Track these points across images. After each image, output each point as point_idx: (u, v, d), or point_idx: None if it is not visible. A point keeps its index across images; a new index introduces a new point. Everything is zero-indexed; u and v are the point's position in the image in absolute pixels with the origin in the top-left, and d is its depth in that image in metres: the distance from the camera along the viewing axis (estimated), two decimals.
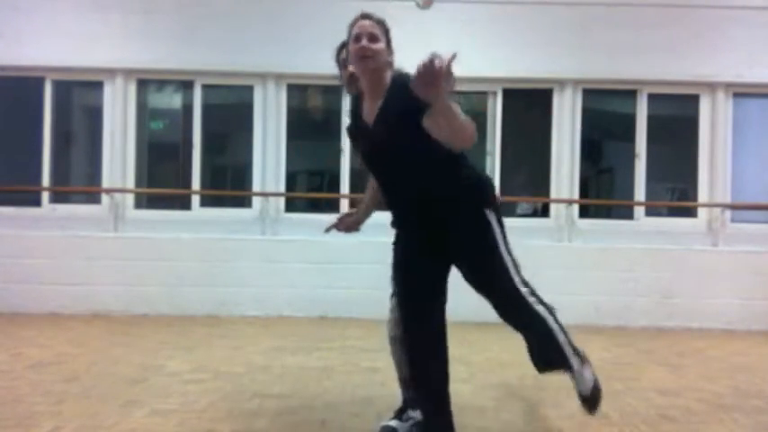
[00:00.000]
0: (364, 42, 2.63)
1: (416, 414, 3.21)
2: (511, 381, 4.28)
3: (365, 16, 2.73)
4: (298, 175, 7.84)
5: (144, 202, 7.47)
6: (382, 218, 7.57)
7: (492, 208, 2.69)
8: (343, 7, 7.31)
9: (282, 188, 7.30)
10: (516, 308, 2.67)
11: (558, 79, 7.19)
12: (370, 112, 2.70)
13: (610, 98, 7.70)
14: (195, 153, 7.30)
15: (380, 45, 2.65)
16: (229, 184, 8.08)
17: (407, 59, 3.22)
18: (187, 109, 7.44)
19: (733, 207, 7.23)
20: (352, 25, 2.73)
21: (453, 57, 2.16)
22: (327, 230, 3.42)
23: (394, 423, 3.12)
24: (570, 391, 4.09)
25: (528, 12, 6.96)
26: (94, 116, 7.44)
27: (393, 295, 3.16)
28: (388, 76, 2.67)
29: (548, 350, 2.74)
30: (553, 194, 7.26)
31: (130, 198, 7.25)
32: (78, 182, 7.81)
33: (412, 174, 2.64)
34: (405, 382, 3.24)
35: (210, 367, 4.47)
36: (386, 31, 2.71)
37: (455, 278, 2.87)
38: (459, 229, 2.65)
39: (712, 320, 6.73)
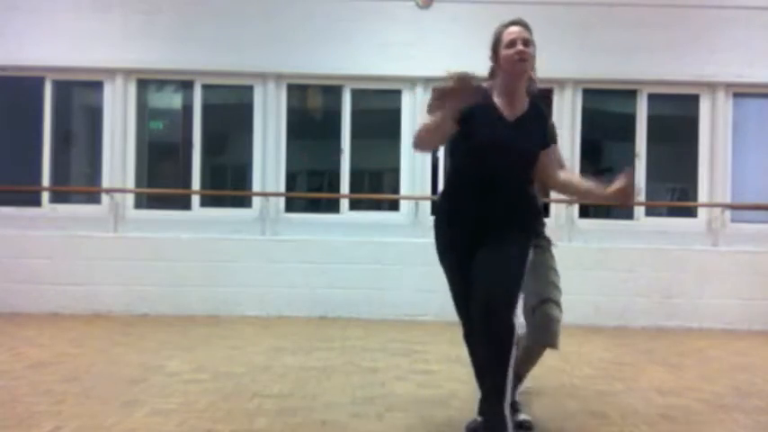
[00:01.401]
0: (521, 47, 2.81)
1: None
2: None
3: (517, 23, 2.90)
4: (298, 175, 7.85)
5: (144, 202, 7.47)
6: (383, 218, 7.55)
7: (534, 238, 3.05)
8: (343, 7, 7.38)
9: (282, 188, 7.30)
10: (502, 309, 2.75)
11: (558, 79, 7.18)
12: (507, 111, 2.88)
13: (610, 98, 7.70)
14: (195, 153, 7.30)
15: (532, 50, 2.86)
16: (229, 184, 8.08)
17: (408, 59, 3.23)
18: (187, 109, 7.44)
19: (733, 207, 7.23)
20: (501, 32, 2.90)
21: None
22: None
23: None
24: (570, 390, 4.10)
25: (528, 12, 6.89)
26: (94, 116, 7.44)
27: None
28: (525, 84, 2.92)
29: (498, 370, 2.76)
30: (553, 194, 7.25)
31: (130, 198, 7.25)
32: (78, 182, 7.81)
33: (506, 181, 2.85)
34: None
35: (210, 367, 4.47)
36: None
37: None
38: (506, 236, 2.84)
39: (712, 320, 6.72)
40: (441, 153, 6.43)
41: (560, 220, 7.17)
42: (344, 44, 7.05)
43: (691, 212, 7.36)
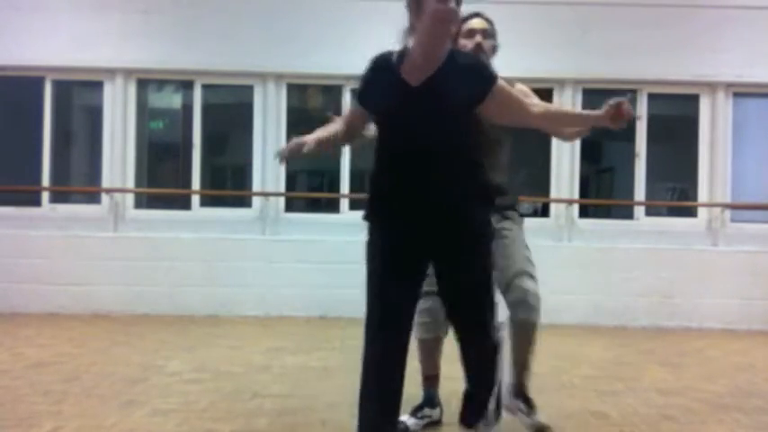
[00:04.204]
0: (453, 5, 2.40)
1: (434, 413, 3.27)
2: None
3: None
4: (298, 175, 7.85)
5: (144, 201, 7.47)
6: None
7: (496, 218, 2.59)
8: (343, 8, 7.37)
9: (282, 188, 7.30)
10: (482, 341, 2.58)
11: (558, 79, 7.19)
12: (413, 74, 2.47)
13: (610, 98, 7.68)
14: (195, 153, 7.29)
15: (460, 10, 2.49)
16: (229, 184, 8.08)
17: None
18: (187, 109, 7.44)
19: (733, 207, 7.23)
20: None
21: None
22: (283, 156, 2.89)
23: (405, 418, 3.16)
24: (570, 390, 4.10)
25: (528, 12, 6.95)
26: (94, 116, 7.44)
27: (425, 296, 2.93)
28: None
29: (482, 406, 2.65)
30: (553, 194, 7.26)
31: (130, 198, 7.25)
32: (78, 182, 7.81)
33: (432, 153, 2.44)
34: (428, 380, 3.32)
35: (210, 367, 4.47)
36: None
37: None
38: (459, 236, 2.48)
39: (712, 320, 6.73)
40: None
41: (560, 220, 7.17)
42: (344, 44, 7.04)
43: (691, 212, 7.36)
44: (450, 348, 3.22)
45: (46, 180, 7.25)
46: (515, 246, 3.11)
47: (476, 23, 3.11)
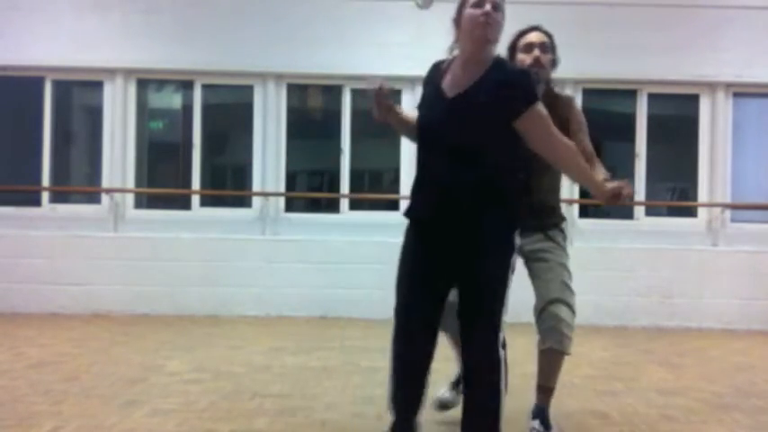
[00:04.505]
0: (488, 8, 2.38)
1: None
2: (511, 380, 4.26)
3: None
4: (298, 175, 7.85)
5: (144, 201, 7.47)
6: (383, 218, 7.52)
7: (518, 231, 2.57)
8: (343, 8, 7.37)
9: (282, 188, 7.30)
10: (486, 349, 2.54)
11: (558, 79, 7.15)
12: (453, 85, 2.50)
13: (610, 98, 7.70)
14: (195, 153, 7.30)
15: (501, 17, 2.45)
16: (229, 184, 8.08)
17: (408, 59, 3.22)
18: (187, 109, 7.44)
19: (733, 207, 7.23)
20: None
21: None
22: (369, 85, 2.73)
23: (448, 395, 3.19)
24: (570, 390, 4.10)
25: (528, 12, 6.92)
26: (94, 116, 7.45)
27: None
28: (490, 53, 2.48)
29: (486, 413, 2.62)
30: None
31: (130, 198, 7.26)
32: (78, 182, 7.81)
33: (463, 165, 2.42)
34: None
35: (210, 367, 4.48)
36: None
37: None
38: (481, 241, 2.47)
39: (712, 320, 6.73)
40: None
41: None
42: (344, 44, 7.05)
43: (691, 212, 7.36)
44: (450, 348, 3.22)
45: (46, 180, 7.25)
46: (554, 271, 3.01)
47: (534, 37, 3.08)
